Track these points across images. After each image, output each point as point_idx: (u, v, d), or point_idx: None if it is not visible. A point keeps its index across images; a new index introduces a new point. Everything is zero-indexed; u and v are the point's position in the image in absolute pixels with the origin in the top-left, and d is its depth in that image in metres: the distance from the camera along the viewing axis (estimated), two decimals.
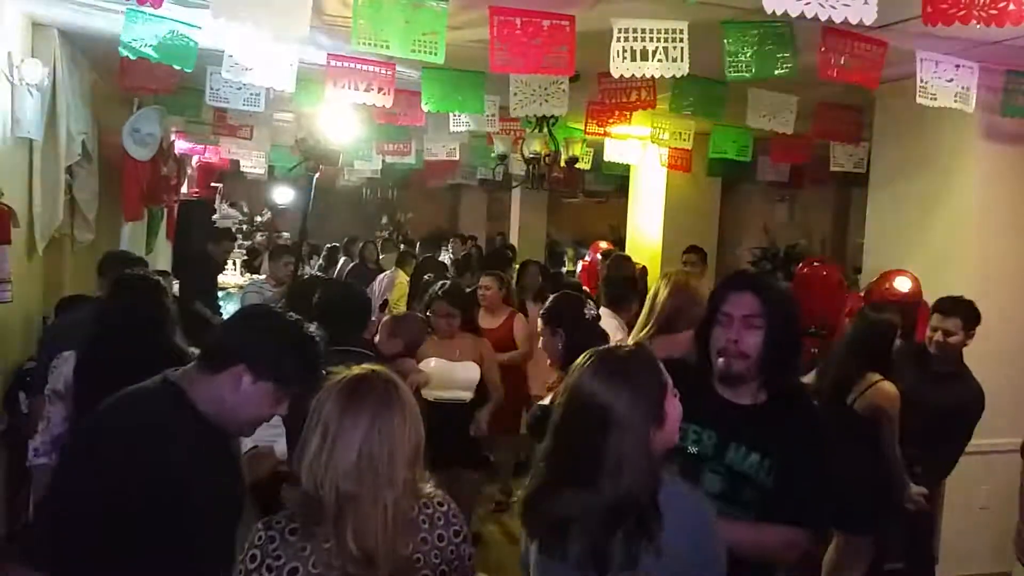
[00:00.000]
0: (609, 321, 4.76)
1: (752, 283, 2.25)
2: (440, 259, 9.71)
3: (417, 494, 1.79)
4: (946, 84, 3.93)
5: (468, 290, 5.42)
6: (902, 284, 4.58)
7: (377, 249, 10.09)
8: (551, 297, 3.53)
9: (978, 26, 2.91)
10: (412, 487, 1.76)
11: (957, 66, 3.94)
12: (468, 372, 4.37)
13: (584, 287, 6.54)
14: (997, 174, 4.58)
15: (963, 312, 3.87)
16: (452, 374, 4.32)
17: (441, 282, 4.76)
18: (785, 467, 2.13)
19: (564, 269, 12.12)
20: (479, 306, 5.36)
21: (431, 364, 4.27)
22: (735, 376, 2.18)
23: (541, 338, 3.46)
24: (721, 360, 2.19)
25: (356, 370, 1.81)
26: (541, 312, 3.48)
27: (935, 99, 3.91)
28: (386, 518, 1.67)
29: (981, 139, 4.50)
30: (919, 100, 3.87)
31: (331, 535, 1.66)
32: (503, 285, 5.54)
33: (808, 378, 3.97)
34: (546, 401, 3.51)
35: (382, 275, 8.39)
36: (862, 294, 4.83)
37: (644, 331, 3.47)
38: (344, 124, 6.13)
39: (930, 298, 4.13)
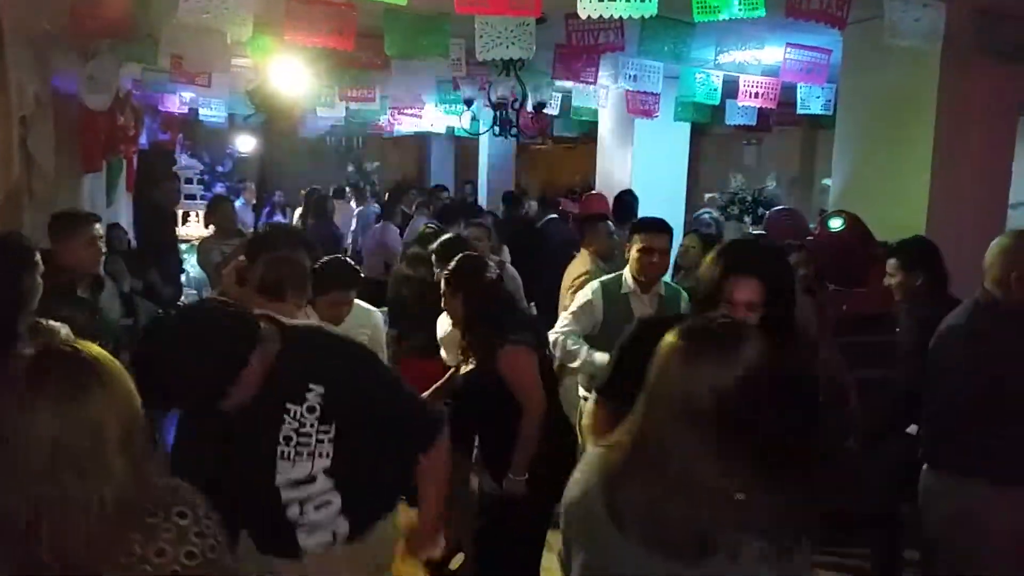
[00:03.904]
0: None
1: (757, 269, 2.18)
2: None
3: (146, 483, 1.48)
4: (913, 23, 3.92)
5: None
6: (834, 223, 4.55)
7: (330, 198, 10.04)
8: (455, 258, 3.36)
9: None
10: (135, 473, 1.45)
11: (924, 5, 3.93)
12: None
13: None
14: (963, 114, 4.60)
15: (898, 254, 3.80)
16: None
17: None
18: None
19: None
20: None
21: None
22: None
23: (443, 298, 3.32)
24: None
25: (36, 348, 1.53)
26: (443, 273, 3.33)
27: (903, 39, 3.91)
28: (103, 513, 1.39)
29: (947, 79, 4.51)
30: (887, 40, 3.86)
31: (15, 553, 1.37)
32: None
33: None
34: (466, 368, 3.28)
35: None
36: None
37: None
38: (301, 72, 5.94)
39: (896, 237, 4.13)
